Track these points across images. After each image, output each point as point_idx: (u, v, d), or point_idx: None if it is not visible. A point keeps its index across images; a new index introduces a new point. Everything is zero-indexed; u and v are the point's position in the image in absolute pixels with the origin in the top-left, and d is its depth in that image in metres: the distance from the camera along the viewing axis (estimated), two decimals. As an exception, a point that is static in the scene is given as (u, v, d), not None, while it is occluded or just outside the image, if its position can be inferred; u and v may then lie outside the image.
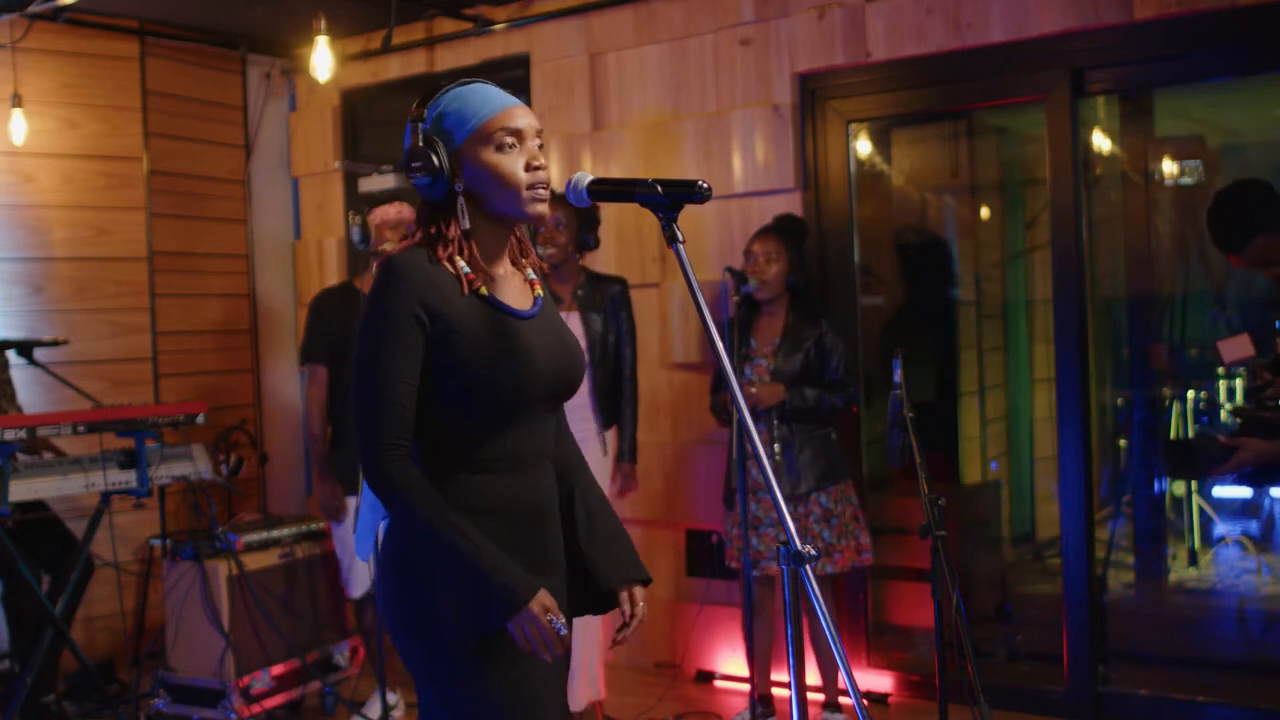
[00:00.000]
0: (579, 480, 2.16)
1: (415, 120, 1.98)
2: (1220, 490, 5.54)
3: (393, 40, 4.80)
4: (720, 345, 1.76)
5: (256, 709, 4.13)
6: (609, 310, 4.10)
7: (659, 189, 1.82)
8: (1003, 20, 4.04)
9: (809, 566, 1.67)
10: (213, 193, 5.54)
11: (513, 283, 2.06)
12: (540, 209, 1.99)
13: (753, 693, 3.97)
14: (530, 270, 2.12)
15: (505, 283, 2.04)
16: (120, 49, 5.16)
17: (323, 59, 4.56)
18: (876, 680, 4.43)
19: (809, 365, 3.98)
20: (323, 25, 4.51)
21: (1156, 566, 5.56)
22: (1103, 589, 4.42)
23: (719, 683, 4.64)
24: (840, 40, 4.34)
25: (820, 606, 1.67)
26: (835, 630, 1.71)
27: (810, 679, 4.13)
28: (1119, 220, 5.48)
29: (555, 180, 4.63)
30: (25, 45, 4.81)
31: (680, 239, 1.80)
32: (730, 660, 4.62)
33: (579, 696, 3.92)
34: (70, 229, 5.02)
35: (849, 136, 4.49)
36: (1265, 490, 5.31)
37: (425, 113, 1.99)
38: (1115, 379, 5.70)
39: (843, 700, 4.09)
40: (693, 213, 2.41)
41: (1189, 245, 5.64)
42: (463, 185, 1.97)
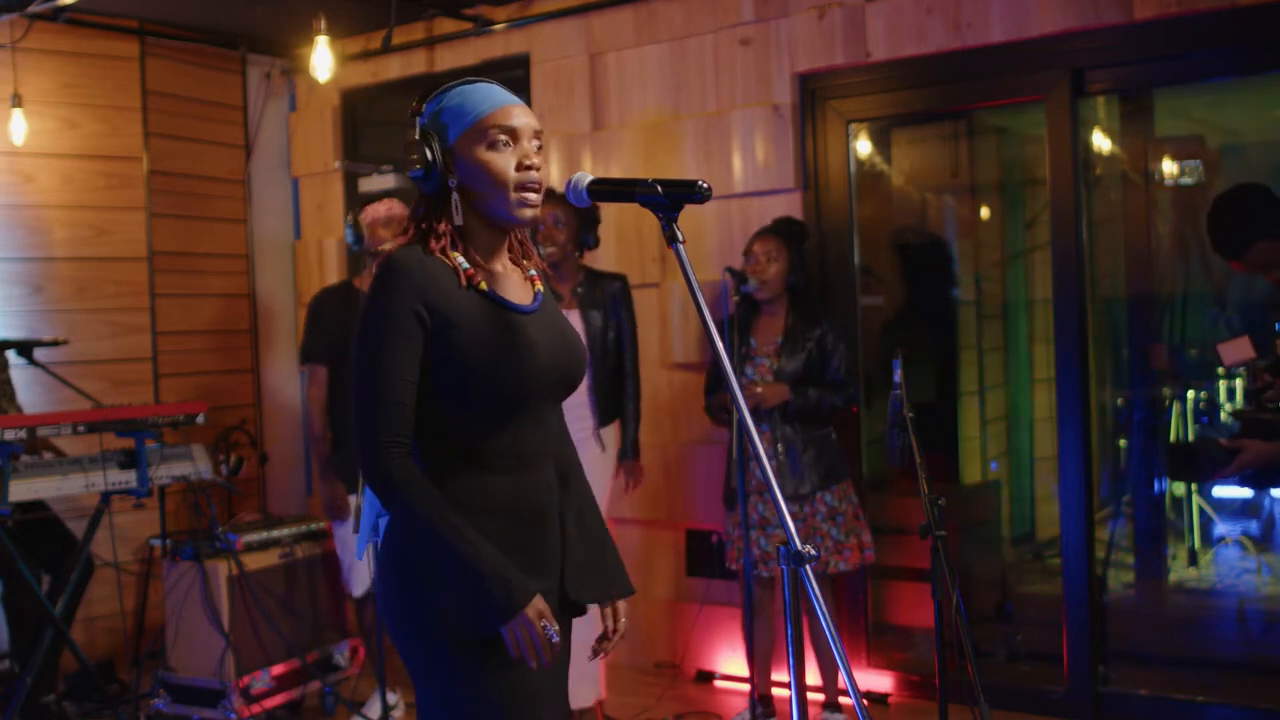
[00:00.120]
0: (572, 483, 2.15)
1: (415, 114, 1.99)
2: (1220, 490, 5.54)
3: (393, 40, 4.80)
4: (720, 345, 1.76)
5: (256, 709, 4.13)
6: (609, 307, 4.10)
7: (659, 189, 1.82)
8: (1003, 20, 4.04)
9: (808, 566, 1.67)
10: (213, 193, 5.54)
11: (512, 279, 2.06)
12: (527, 214, 1.98)
13: (753, 693, 3.97)
14: (531, 267, 2.11)
15: (504, 279, 2.04)
16: (120, 49, 5.16)
17: (323, 59, 4.56)
18: (876, 680, 4.43)
19: (810, 365, 3.98)
20: (323, 25, 4.51)
21: (1156, 566, 5.56)
22: (1103, 589, 4.42)
23: (719, 683, 4.63)
24: (840, 40, 4.34)
25: (820, 606, 1.67)
26: (835, 630, 1.71)
27: (810, 679, 4.13)
28: (1119, 220, 5.48)
29: (556, 180, 4.64)
30: (25, 45, 4.81)
31: (680, 239, 1.80)
32: (730, 660, 4.62)
33: (579, 696, 3.92)
34: (70, 229, 5.02)
35: (849, 136, 4.48)
36: (1266, 491, 5.30)
37: (425, 107, 1.99)
38: (1115, 379, 5.70)
39: (843, 700, 4.09)
40: (693, 213, 2.41)
41: (1189, 245, 5.64)
42: (456, 180, 1.97)
